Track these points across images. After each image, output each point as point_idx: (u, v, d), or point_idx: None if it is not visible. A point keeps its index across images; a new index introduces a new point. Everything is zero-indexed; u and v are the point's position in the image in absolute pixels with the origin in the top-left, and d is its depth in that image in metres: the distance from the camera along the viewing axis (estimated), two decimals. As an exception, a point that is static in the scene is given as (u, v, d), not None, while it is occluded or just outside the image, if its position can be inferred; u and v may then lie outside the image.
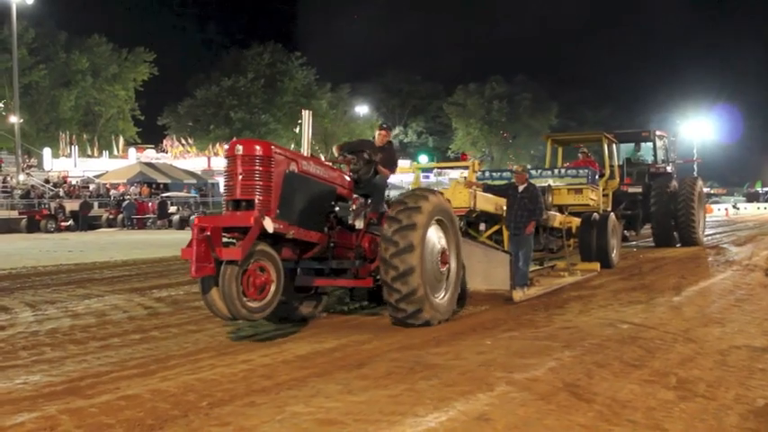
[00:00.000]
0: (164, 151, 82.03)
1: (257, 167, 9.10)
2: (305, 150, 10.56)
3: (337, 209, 10.55)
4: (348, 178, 11.02)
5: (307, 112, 10.77)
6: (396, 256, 10.11)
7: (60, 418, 6.35)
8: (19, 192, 55.81)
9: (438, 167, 65.55)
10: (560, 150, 24.87)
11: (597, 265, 17.77)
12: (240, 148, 9.20)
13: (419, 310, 10.25)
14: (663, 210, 25.12)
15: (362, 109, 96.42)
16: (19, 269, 20.53)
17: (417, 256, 10.17)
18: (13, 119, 64.77)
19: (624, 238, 24.62)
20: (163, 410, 6.55)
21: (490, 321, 11.07)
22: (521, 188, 14.30)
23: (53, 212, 48.25)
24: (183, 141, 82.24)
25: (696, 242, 25.27)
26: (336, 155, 11.78)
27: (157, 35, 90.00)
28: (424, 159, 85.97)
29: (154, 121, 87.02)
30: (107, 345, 9.67)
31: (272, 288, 8.95)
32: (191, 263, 8.49)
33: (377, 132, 12.30)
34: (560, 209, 18.51)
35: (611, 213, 19.71)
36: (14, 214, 49.69)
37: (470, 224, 15.84)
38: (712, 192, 75.68)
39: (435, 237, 11.03)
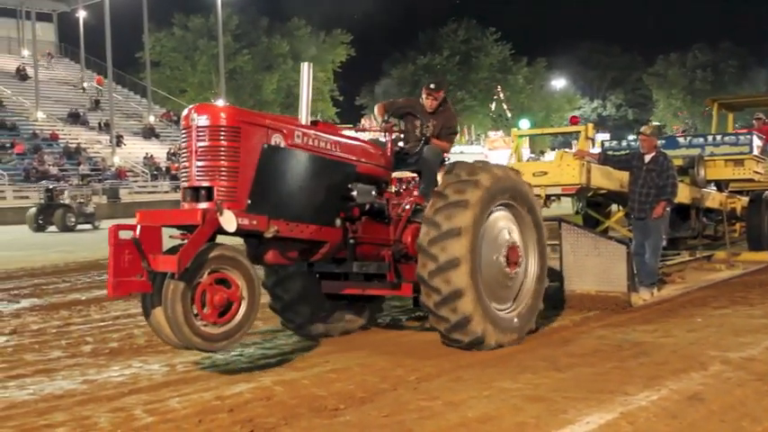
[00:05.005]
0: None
1: (221, 142, 6.73)
2: (303, 116, 7.60)
3: (354, 193, 7.79)
4: (381, 152, 8.36)
5: (306, 64, 7.76)
6: (435, 242, 7.48)
7: (275, 389, 6.59)
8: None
9: (543, 134, 53.09)
10: (730, 117, 20.27)
11: (767, 256, 14.36)
12: (196, 116, 6.80)
13: (466, 319, 7.51)
14: None
15: (559, 83, 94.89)
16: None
17: (466, 246, 7.48)
18: (220, 102, 67.65)
19: None
20: (372, 383, 6.69)
21: (700, 299, 10.71)
22: (647, 158, 11.03)
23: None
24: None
25: None
26: (378, 119, 8.98)
27: (354, 16, 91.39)
28: (525, 125, 69.52)
29: (352, 102, 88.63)
30: (315, 319, 9.93)
31: (242, 308, 6.61)
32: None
33: (423, 95, 9.00)
34: (718, 185, 15.27)
35: None
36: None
37: (597, 205, 13.69)
38: None
39: (502, 226, 8.20)
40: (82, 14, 71.94)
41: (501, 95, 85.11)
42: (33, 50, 65.01)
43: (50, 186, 34.59)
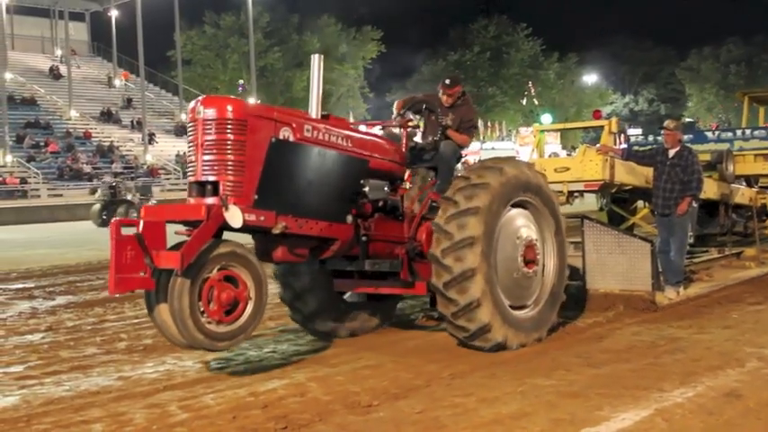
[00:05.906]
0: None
1: (227, 136, 6.51)
2: (313, 109, 7.35)
3: (366, 189, 7.62)
4: (395, 147, 8.20)
5: (316, 56, 7.42)
6: (449, 252, 7.34)
7: (309, 386, 6.62)
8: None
9: (566, 129, 51.86)
10: (762, 111, 19.50)
11: None
12: (202, 109, 6.60)
13: (485, 328, 7.40)
14: None
15: (591, 78, 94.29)
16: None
17: (480, 254, 7.34)
18: (251, 100, 67.85)
19: None
20: (406, 380, 6.70)
21: (736, 294, 10.60)
22: (671, 153, 10.55)
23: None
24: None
25: None
26: (395, 114, 8.83)
27: (384, 13, 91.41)
28: (547, 119, 65.51)
29: (383, 98, 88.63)
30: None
31: (248, 309, 6.49)
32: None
33: (440, 91, 8.91)
34: (748, 181, 14.82)
35: None
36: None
37: (623, 202, 13.30)
38: None
39: (519, 225, 8.02)
40: (114, 14, 72.32)
41: (532, 91, 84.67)
42: (66, 50, 65.44)
43: (113, 183, 35.25)
